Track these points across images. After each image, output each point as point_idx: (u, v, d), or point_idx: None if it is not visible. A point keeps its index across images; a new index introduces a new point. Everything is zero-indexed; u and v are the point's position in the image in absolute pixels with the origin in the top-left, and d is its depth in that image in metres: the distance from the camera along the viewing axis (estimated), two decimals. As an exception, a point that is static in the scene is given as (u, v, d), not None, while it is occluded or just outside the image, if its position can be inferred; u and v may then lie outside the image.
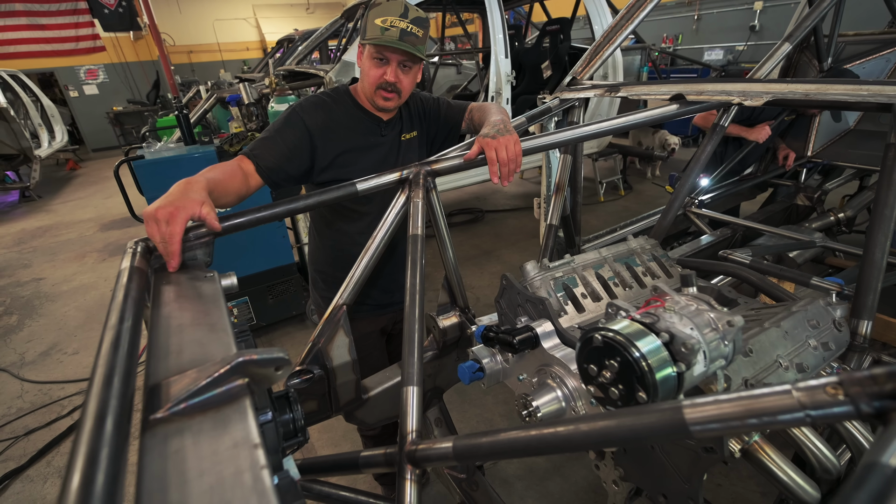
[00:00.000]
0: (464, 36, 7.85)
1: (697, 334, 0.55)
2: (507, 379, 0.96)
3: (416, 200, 1.04)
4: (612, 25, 1.72)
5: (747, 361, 0.69)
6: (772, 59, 1.37)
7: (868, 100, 0.84)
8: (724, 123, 1.34)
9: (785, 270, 1.16)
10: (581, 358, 0.62)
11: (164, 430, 0.46)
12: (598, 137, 1.26)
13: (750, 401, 0.41)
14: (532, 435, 0.56)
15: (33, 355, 3.23)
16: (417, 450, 0.68)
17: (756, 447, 0.66)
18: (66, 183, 8.36)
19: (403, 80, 1.27)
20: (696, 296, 0.62)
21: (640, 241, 1.21)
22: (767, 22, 6.61)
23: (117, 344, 0.56)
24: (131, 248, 0.84)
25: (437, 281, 2.78)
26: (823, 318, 0.81)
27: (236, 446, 0.45)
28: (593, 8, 4.20)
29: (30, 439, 2.46)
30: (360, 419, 1.13)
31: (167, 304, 0.73)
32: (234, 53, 13.50)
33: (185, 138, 2.93)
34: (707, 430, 0.43)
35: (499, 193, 5.96)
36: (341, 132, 1.32)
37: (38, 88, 8.21)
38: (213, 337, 0.64)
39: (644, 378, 0.53)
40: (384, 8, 1.21)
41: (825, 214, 2.10)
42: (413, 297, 0.91)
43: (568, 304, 1.02)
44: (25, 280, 4.45)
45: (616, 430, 0.48)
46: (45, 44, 10.29)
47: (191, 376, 0.53)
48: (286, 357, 0.54)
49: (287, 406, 0.78)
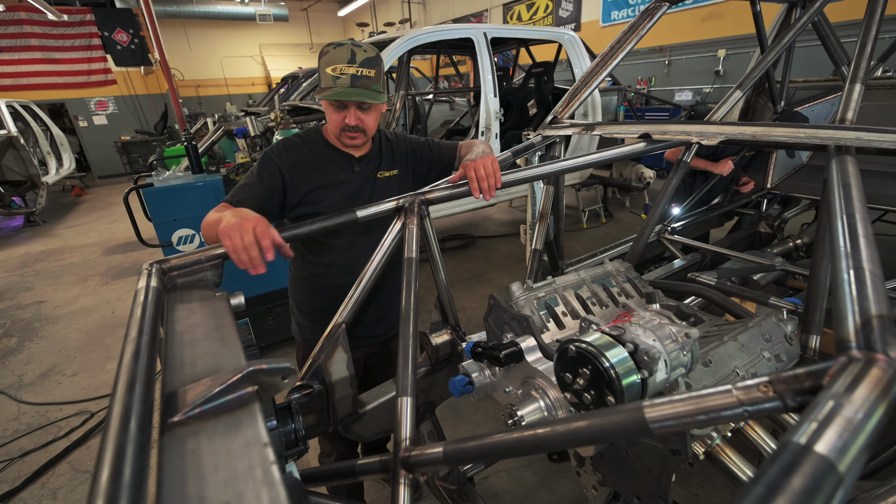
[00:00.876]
0: (456, 76, 8.14)
1: (659, 345, 0.60)
2: (494, 392, 0.99)
3: (412, 227, 1.09)
4: (590, 70, 1.84)
5: (707, 371, 0.74)
6: (726, 104, 1.48)
7: (805, 141, 0.92)
8: (687, 159, 1.44)
9: (746, 291, 1.22)
10: (558, 367, 0.66)
11: (182, 432, 0.49)
12: (576, 171, 1.33)
13: (699, 399, 0.45)
14: (514, 437, 0.60)
15: (32, 377, 3.15)
16: (411, 456, 0.71)
17: (718, 450, 0.70)
18: (72, 208, 8.31)
19: (366, 120, 1.28)
20: (659, 311, 0.67)
21: (616, 265, 1.27)
22: (730, 67, 7.00)
23: (138, 355, 0.59)
24: (147, 270, 0.87)
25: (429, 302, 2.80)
26: (776, 333, 0.86)
27: (247, 445, 0.48)
28: (573, 53, 4.43)
29: (25, 461, 2.38)
30: (356, 432, 1.14)
31: (181, 321, 0.76)
32: (240, 88, 13.79)
33: (193, 167, 2.98)
34: (664, 427, 0.47)
35: (489, 220, 6.06)
36: (310, 171, 1.33)
37: (48, 118, 8.26)
38: (224, 350, 0.68)
39: (612, 384, 0.58)
40: (332, 56, 1.20)
41: (785, 241, 2.19)
42: (407, 315, 0.95)
43: (550, 321, 1.06)
44: (27, 303, 4.37)
45: (587, 429, 0.52)
46: (58, 76, 10.43)
47: (205, 384, 0.56)
48: (292, 367, 0.57)
49: (289, 417, 0.81)
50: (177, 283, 0.93)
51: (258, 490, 0.42)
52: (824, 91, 2.45)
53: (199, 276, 0.96)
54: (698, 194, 2.41)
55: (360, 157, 1.39)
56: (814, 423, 0.32)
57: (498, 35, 4.21)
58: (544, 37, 4.63)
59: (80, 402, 2.83)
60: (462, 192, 1.17)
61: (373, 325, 1.51)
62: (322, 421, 1.13)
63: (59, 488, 2.20)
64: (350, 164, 1.38)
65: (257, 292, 2.82)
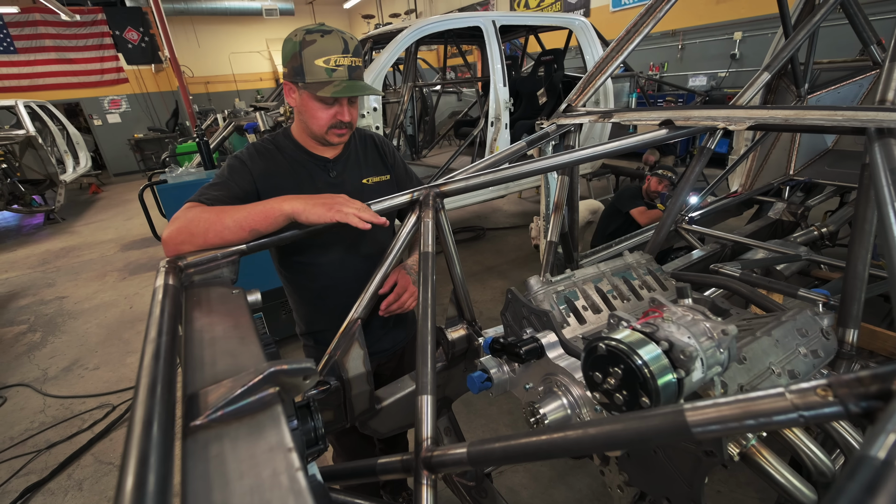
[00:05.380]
0: (464, 65, 8.03)
1: (694, 342, 0.57)
2: (513, 388, 0.97)
3: (427, 220, 1.06)
4: (604, 56, 1.78)
5: (742, 368, 0.71)
6: (752, 87, 1.42)
7: (843, 124, 0.87)
8: (711, 146, 1.38)
9: (773, 282, 1.17)
10: (586, 366, 0.64)
11: (205, 436, 0.48)
12: (594, 160, 1.29)
13: (747, 403, 0.42)
14: (543, 439, 0.58)
15: (56, 371, 3.23)
16: (433, 456, 0.69)
17: (754, 451, 0.67)
18: (89, 206, 8.46)
19: (354, 113, 1.19)
20: (692, 307, 0.64)
21: (636, 256, 1.23)
22: (747, 50, 6.77)
23: (158, 355, 0.58)
24: (164, 267, 0.86)
25: (442, 296, 2.79)
26: (811, 328, 0.82)
27: (272, 450, 0.46)
28: (584, 39, 4.32)
29: (51, 453, 2.44)
30: (373, 428, 1.13)
31: (199, 319, 0.75)
32: (249, 84, 13.82)
33: (205, 163, 2.99)
34: (708, 432, 0.44)
35: (499, 212, 6.01)
36: (282, 181, 1.21)
37: (64, 118, 8.38)
38: (243, 349, 0.66)
39: (647, 384, 0.55)
40: (322, 46, 1.07)
41: (809, 229, 2.12)
42: (425, 311, 0.93)
43: (570, 315, 1.03)
44: (49, 298, 4.47)
45: (623, 433, 0.50)
46: (72, 76, 10.56)
47: (226, 385, 0.54)
48: (313, 367, 0.56)
49: (308, 415, 0.79)
50: (194, 281, 0.92)
51: (285, 499, 0.41)
52: (851, 72, 2.34)
53: (215, 273, 0.95)
54: (717, 182, 2.34)
55: (335, 160, 1.27)
56: (892, 434, 0.29)
57: (507, 22, 4.12)
58: (554, 23, 4.52)
59: (103, 395, 2.89)
60: (479, 184, 1.14)
61: (378, 342, 1.41)
62: (339, 417, 1.12)
63: (85, 479, 2.26)
64: (326, 168, 1.26)
65: (270, 287, 2.84)
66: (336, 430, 1.11)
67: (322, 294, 1.35)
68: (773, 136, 2.45)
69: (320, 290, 1.35)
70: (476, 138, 4.30)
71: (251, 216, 0.97)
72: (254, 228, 0.96)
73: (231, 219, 0.96)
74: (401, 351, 1.52)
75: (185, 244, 0.95)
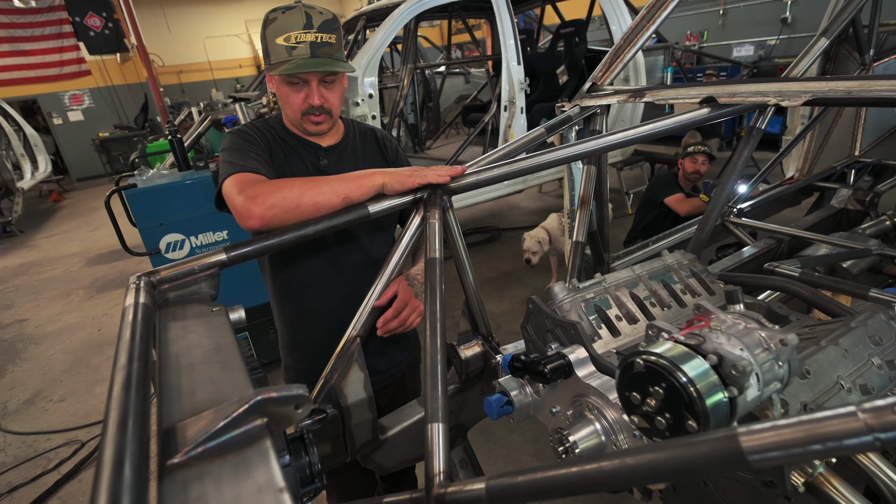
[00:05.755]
0: (471, 43, 8.08)
1: (748, 355, 0.57)
2: (538, 413, 0.97)
3: (433, 221, 1.07)
4: (633, 26, 1.77)
5: (805, 384, 0.70)
6: (808, 56, 1.40)
7: (918, 95, 0.85)
8: (762, 126, 1.37)
9: (839, 282, 1.16)
10: (622, 385, 0.63)
11: (184, 476, 0.48)
12: (623, 147, 1.29)
13: (812, 425, 0.42)
14: (574, 472, 0.57)
15: (16, 404, 3.29)
16: (447, 493, 0.69)
17: (821, 479, 0.66)
18: (50, 216, 8.65)
19: (330, 97, 1.22)
20: (744, 313, 0.63)
21: (677, 256, 1.23)
22: (800, 13, 6.71)
23: (129, 384, 0.59)
24: (135, 284, 0.88)
25: (453, 308, 2.79)
26: (887, 334, 0.81)
27: (260, 491, 0.47)
28: (609, 8, 4.32)
29: (13, 497, 2.48)
30: (377, 462, 1.13)
31: (175, 342, 0.76)
32: (226, 72, 14.04)
33: (179, 164, 3.04)
34: (767, 460, 0.43)
35: (516, 209, 6.01)
36: (282, 158, 1.28)
37: (20, 117, 8.58)
38: (226, 375, 0.67)
39: (693, 405, 0.54)
40: (282, 23, 1.12)
41: (880, 219, 2.08)
42: (434, 325, 0.93)
43: (601, 327, 1.03)
44: (7, 322, 4.56)
45: (666, 462, 0.49)
46: (29, 69, 10.82)
47: (207, 417, 0.55)
48: (306, 394, 0.56)
49: (302, 449, 0.80)
50: (168, 298, 0.93)
51: (277, 548, 0.41)
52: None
53: (192, 289, 0.96)
54: (770, 167, 2.31)
55: (328, 148, 1.32)
56: None
57: (519, -9, 4.14)
58: (574, -10, 4.53)
59: (70, 430, 2.94)
60: (492, 177, 1.14)
61: (372, 359, 1.40)
62: (338, 450, 1.12)
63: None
64: (317, 155, 1.31)
65: (256, 303, 2.86)
66: (335, 465, 1.12)
67: (311, 307, 1.36)
68: (833, 112, 2.42)
69: (309, 302, 1.36)
70: (487, 125, 4.32)
71: (348, 185, 1.05)
72: (348, 196, 1.04)
73: (327, 185, 1.04)
74: (400, 375, 1.52)
75: (276, 216, 1.02)
